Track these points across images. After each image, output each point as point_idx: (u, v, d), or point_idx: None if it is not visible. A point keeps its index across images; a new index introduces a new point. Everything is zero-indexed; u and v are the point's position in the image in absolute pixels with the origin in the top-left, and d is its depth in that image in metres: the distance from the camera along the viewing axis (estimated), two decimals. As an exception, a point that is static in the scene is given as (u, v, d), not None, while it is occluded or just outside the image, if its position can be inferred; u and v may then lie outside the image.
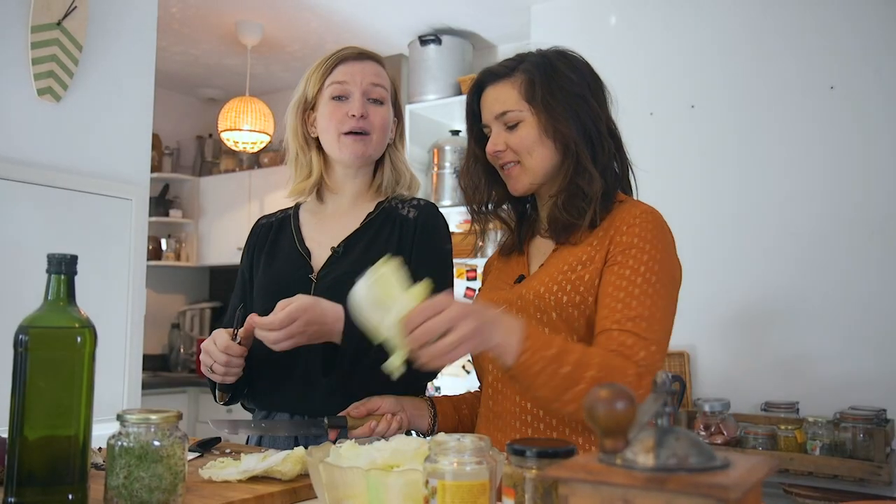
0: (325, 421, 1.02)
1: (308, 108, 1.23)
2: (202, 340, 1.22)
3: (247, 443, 1.21)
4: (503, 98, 1.04)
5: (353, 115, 1.17)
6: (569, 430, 0.97)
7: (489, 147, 1.06)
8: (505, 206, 1.14)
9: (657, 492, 0.47)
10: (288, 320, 0.99)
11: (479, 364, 1.10)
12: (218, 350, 1.06)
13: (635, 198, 1.08)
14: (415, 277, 1.18)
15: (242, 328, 1.07)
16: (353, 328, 1.02)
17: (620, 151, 1.07)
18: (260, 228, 1.31)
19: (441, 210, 1.27)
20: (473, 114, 1.10)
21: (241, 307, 1.11)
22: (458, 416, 1.12)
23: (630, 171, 1.09)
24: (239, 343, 1.06)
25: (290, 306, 1.00)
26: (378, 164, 1.27)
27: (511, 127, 1.04)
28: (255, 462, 0.88)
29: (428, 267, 1.19)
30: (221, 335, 1.08)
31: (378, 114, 1.20)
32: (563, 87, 1.02)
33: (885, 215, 2.17)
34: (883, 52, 2.22)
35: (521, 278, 1.07)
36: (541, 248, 1.10)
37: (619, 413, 0.50)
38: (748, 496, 0.48)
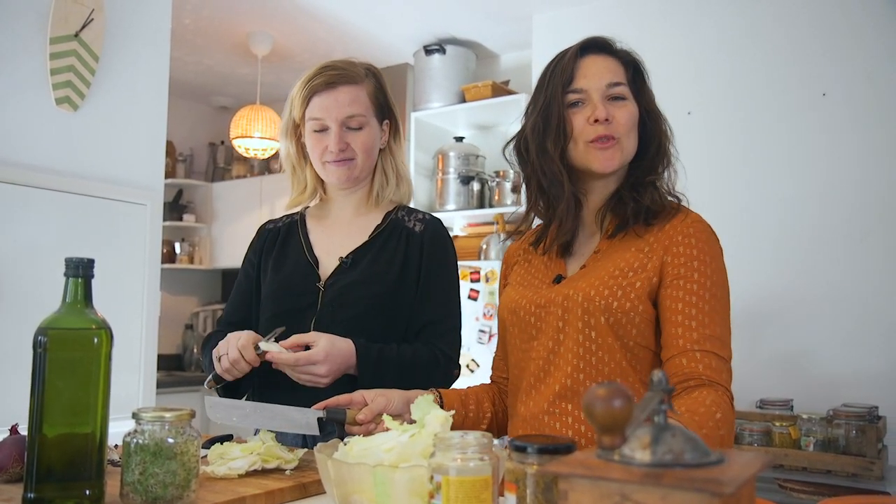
0: (323, 415, 0.99)
1: (298, 129, 1.27)
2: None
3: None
4: (615, 69, 1.02)
5: (332, 151, 1.21)
6: None
7: (599, 112, 0.98)
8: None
9: (653, 486, 0.47)
10: (325, 354, 1.06)
11: (515, 366, 1.05)
12: (234, 346, 1.08)
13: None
14: (424, 292, 1.21)
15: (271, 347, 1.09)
16: (366, 360, 1.10)
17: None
18: (267, 233, 1.33)
19: (446, 214, 1.29)
20: (569, 77, 1.01)
21: (284, 330, 1.12)
22: (464, 411, 1.08)
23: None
24: (259, 355, 1.08)
25: (322, 343, 1.07)
26: (373, 171, 1.29)
27: (615, 100, 1.00)
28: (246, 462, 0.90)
29: (436, 283, 1.22)
30: (249, 337, 1.10)
31: (358, 139, 1.22)
32: (647, 80, 1.05)
33: (876, 217, 2.21)
34: (874, 59, 2.24)
35: (558, 278, 1.02)
36: (580, 248, 1.05)
37: (616, 410, 0.51)
38: (742, 491, 0.49)
